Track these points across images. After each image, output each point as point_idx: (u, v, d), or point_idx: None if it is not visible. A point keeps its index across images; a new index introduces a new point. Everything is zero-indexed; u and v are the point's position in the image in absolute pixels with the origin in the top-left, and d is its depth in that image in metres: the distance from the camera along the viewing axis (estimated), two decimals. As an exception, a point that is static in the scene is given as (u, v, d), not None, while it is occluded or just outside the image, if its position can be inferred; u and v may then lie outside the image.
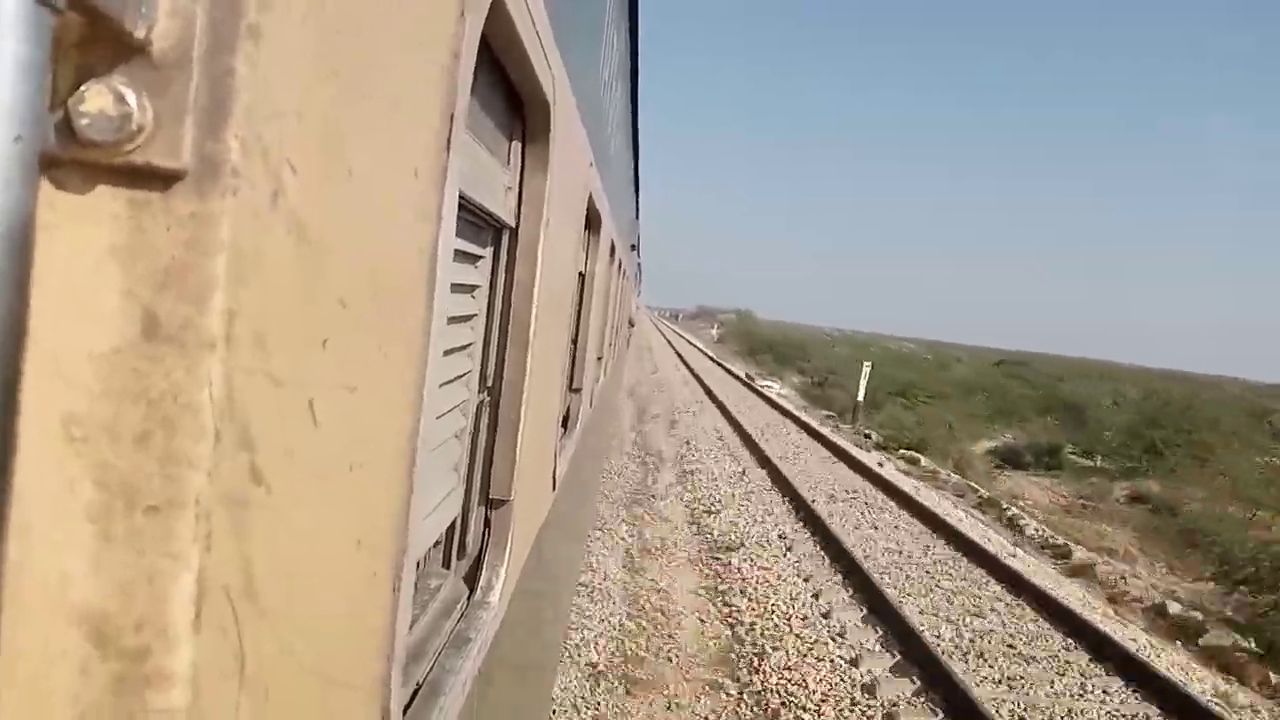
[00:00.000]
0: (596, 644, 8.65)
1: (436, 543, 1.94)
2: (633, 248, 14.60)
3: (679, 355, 59.49)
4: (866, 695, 7.93)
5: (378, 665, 1.00)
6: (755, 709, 7.68)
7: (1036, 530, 17.70)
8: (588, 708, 7.46)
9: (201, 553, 0.56)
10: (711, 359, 62.05)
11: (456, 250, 1.47)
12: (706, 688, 8.02)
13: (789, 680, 8.16)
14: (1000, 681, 8.61)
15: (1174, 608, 12.86)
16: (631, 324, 26.06)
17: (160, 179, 0.54)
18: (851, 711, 7.66)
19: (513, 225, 1.97)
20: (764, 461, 18.91)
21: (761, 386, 42.96)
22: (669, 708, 7.60)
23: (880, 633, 9.39)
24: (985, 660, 9.09)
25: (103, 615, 0.55)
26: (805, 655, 8.69)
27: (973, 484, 22.78)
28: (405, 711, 1.29)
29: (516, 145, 1.95)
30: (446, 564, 2.04)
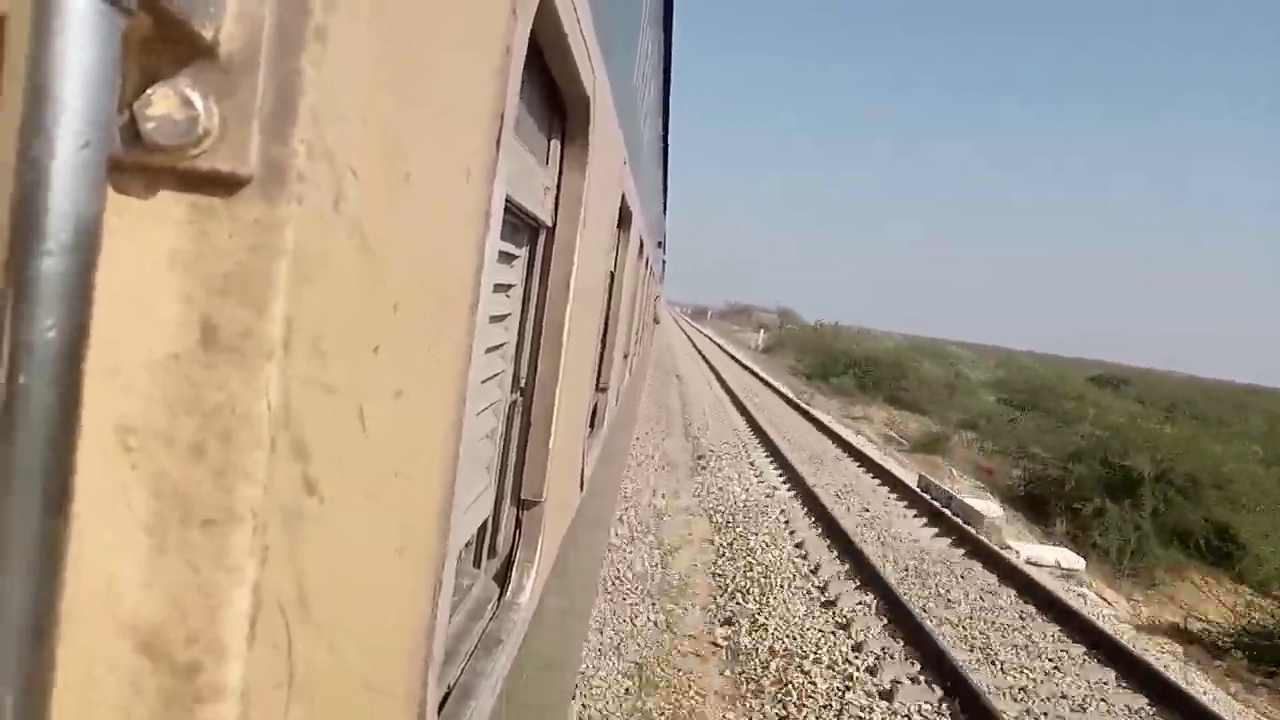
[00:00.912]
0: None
1: (468, 543, 1.94)
2: (659, 244, 14.59)
3: (715, 375, 38.87)
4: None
5: (416, 669, 0.99)
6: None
7: None
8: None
9: (257, 567, 0.54)
10: (771, 387, 38.16)
11: (498, 250, 1.46)
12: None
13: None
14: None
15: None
16: (657, 320, 25.93)
17: (225, 184, 0.52)
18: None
19: (550, 225, 1.96)
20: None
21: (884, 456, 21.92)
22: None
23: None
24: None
25: (155, 629, 0.54)
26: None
27: None
28: (439, 713, 1.28)
29: (556, 144, 1.94)
30: (477, 563, 2.03)
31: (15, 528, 0.44)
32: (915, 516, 14.91)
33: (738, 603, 9.90)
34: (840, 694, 7.77)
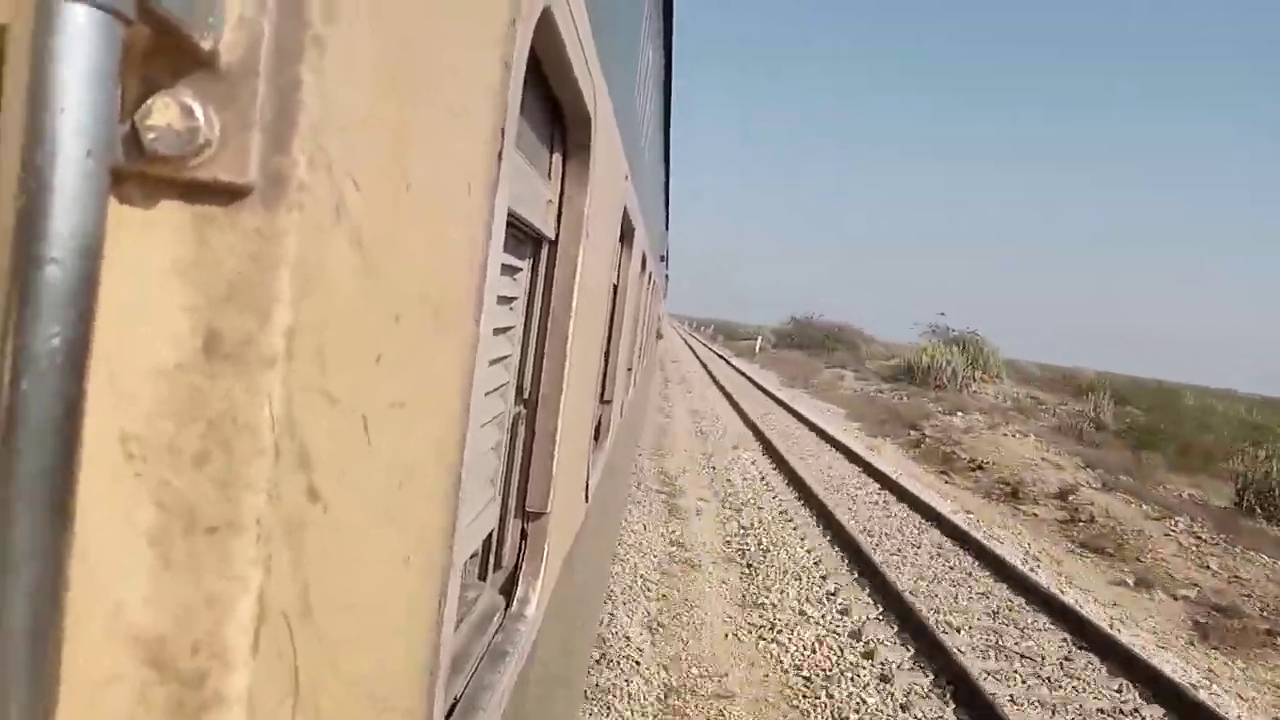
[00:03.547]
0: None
1: (474, 555, 1.93)
2: (662, 259, 14.62)
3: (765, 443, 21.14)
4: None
5: (421, 681, 0.99)
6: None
7: None
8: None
9: (262, 575, 0.54)
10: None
11: (500, 263, 1.47)
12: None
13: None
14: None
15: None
16: (660, 335, 22.00)
17: (226, 194, 0.53)
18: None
19: (552, 238, 1.97)
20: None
21: None
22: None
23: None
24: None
25: (160, 639, 0.54)
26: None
27: None
28: None
29: (558, 157, 1.95)
30: (483, 576, 2.03)
31: (18, 538, 0.44)
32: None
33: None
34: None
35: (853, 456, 20.72)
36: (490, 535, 1.96)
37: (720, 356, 69.16)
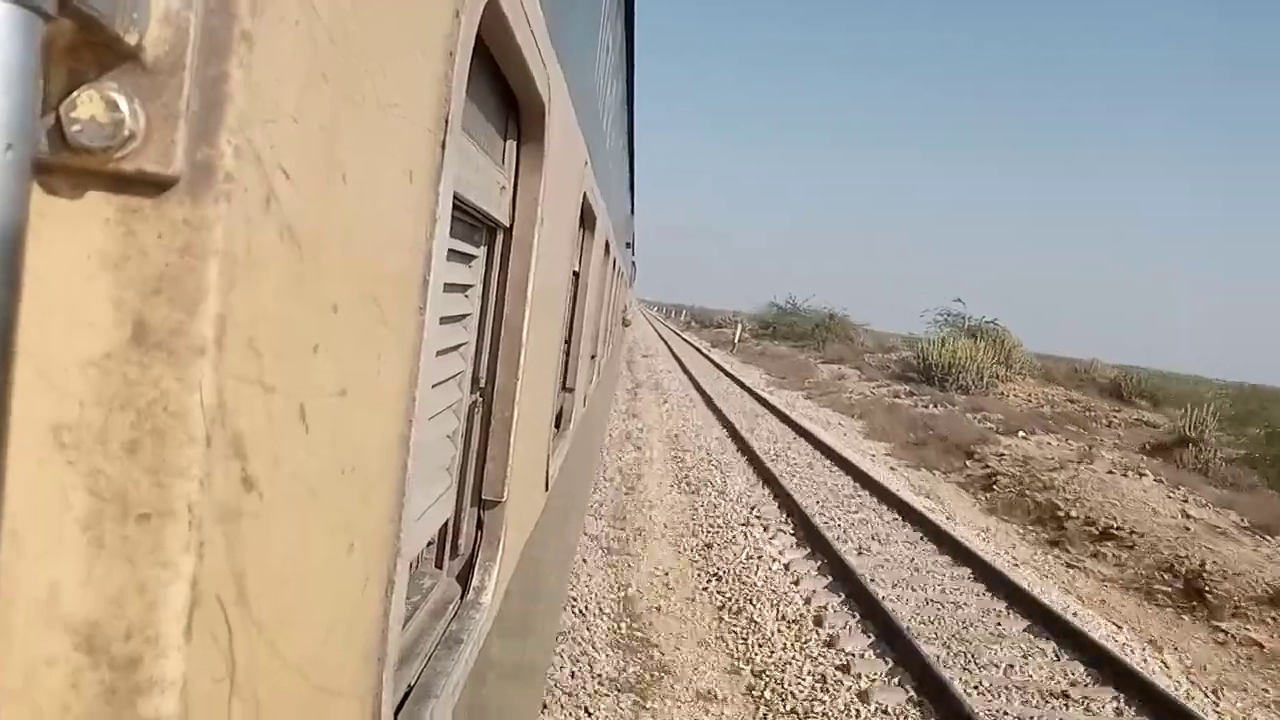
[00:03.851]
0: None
1: (430, 543, 1.94)
2: (627, 245, 14.58)
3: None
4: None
5: (370, 669, 1.00)
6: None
7: None
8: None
9: (194, 561, 0.55)
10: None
11: (451, 250, 1.47)
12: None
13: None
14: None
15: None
16: (626, 323, 19.80)
17: (152, 185, 0.53)
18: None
19: (507, 225, 1.97)
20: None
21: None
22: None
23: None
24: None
25: (93, 624, 0.55)
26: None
27: None
28: (396, 714, 1.28)
29: (511, 144, 1.95)
30: (439, 564, 2.04)
31: None
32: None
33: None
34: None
35: (908, 512, 13.48)
36: (446, 524, 1.97)
37: (698, 350, 57.59)
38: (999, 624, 9.17)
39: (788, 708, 7.03)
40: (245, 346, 0.59)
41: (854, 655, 7.96)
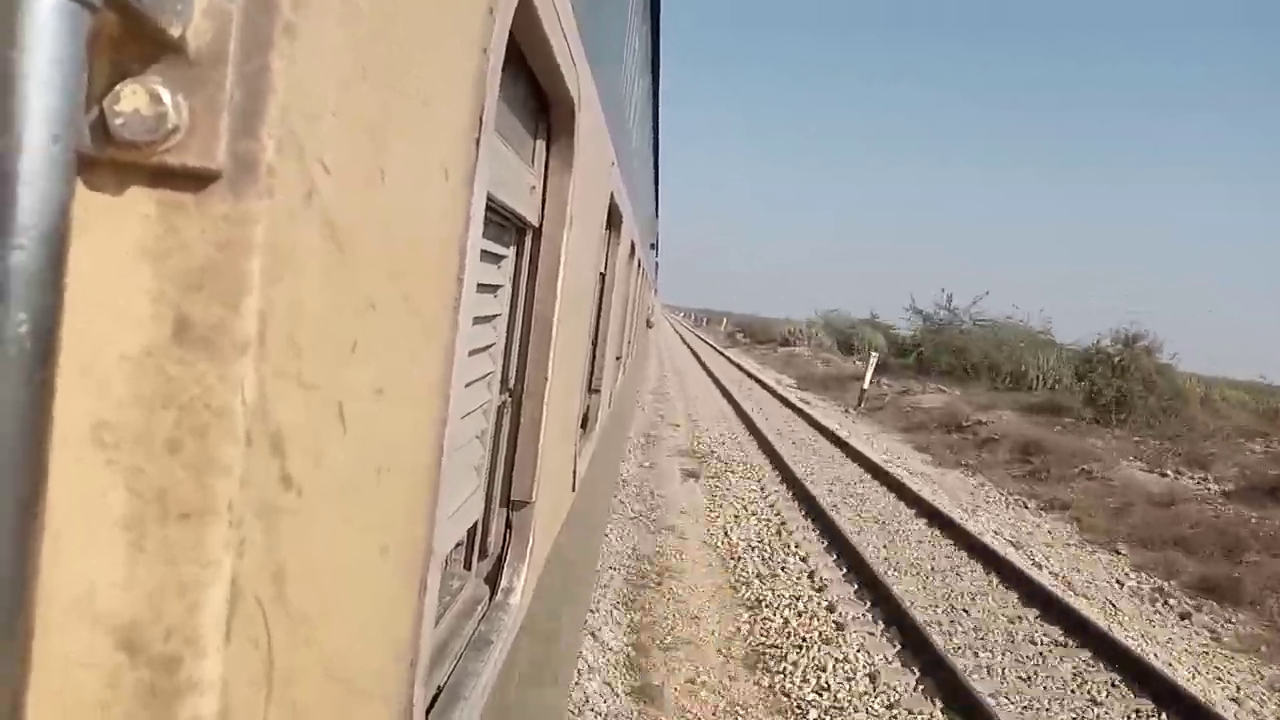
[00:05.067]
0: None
1: (458, 544, 1.94)
2: (652, 246, 14.57)
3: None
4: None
5: (402, 669, 0.99)
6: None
7: None
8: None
9: (234, 560, 0.55)
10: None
11: (482, 250, 1.46)
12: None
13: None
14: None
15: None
16: (650, 324, 20.02)
17: (195, 179, 0.53)
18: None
19: (536, 225, 1.96)
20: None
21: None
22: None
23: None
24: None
25: (133, 624, 0.54)
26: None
27: None
28: (427, 715, 1.28)
29: (541, 144, 1.94)
30: (468, 565, 2.03)
31: None
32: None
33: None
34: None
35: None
36: (475, 525, 1.96)
37: (785, 403, 27.70)
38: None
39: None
40: (286, 343, 0.58)
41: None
